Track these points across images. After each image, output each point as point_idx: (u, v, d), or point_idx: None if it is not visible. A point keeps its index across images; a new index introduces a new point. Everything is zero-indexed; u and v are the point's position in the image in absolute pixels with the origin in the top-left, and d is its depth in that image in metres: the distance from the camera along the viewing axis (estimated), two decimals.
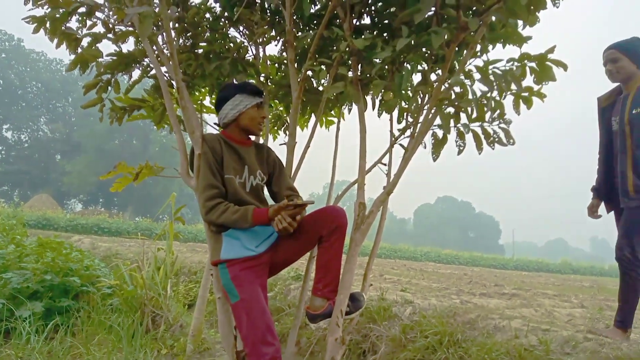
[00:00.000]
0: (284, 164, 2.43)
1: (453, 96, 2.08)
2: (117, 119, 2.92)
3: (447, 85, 2.01)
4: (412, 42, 1.81)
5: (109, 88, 2.95)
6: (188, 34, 3.04)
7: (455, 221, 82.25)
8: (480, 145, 2.05)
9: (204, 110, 3.67)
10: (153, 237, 4.73)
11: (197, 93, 3.50)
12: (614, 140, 2.84)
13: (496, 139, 2.04)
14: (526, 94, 2.19)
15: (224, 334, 2.09)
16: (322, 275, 2.03)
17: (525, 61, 2.11)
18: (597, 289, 8.72)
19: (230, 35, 3.12)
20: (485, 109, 1.96)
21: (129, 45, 2.93)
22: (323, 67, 2.46)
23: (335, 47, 2.52)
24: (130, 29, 2.77)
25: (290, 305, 4.48)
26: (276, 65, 3.21)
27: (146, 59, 2.97)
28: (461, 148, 2.11)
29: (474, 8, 1.84)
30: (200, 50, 3.03)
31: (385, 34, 2.41)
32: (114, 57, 2.85)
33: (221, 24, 3.03)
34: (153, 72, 3.01)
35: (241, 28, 3.11)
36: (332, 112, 3.36)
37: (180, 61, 2.93)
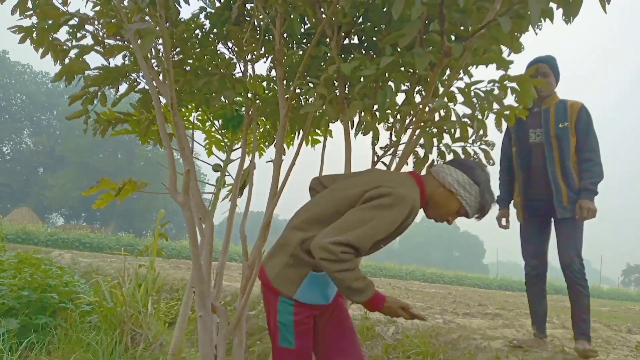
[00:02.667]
0: (271, 181, 2.45)
1: (437, 117, 2.12)
2: (101, 132, 2.91)
3: (430, 106, 2.06)
4: (396, 60, 1.85)
5: (95, 100, 2.94)
6: (177, 50, 3.06)
7: (440, 240, 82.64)
8: None
9: (190, 126, 3.68)
10: (135, 253, 4.67)
11: (182, 109, 3.52)
12: (532, 151, 2.95)
13: (476, 160, 2.08)
14: (507, 113, 2.26)
15: (204, 353, 2.06)
16: None
17: (506, 82, 2.18)
18: None
19: (219, 52, 3.15)
20: (469, 130, 2.01)
21: (116, 59, 2.94)
22: (311, 85, 2.49)
23: (323, 66, 2.57)
24: (120, 43, 2.78)
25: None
26: (264, 83, 3.25)
27: (134, 74, 2.98)
28: None
29: (458, 34, 1.90)
30: (188, 68, 3.05)
31: (372, 52, 2.47)
32: (101, 71, 2.85)
33: (210, 40, 3.06)
34: (141, 86, 3.01)
35: (230, 45, 3.15)
36: (318, 130, 3.40)
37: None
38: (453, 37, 2.08)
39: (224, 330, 2.12)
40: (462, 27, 1.94)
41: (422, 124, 2.10)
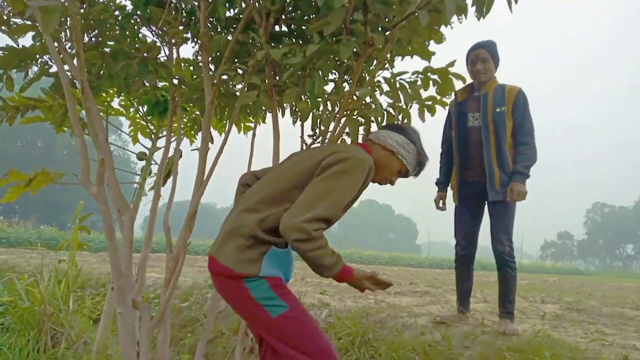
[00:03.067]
0: (196, 171, 2.38)
1: (363, 106, 2.15)
2: (8, 119, 2.66)
3: (356, 96, 2.08)
4: (323, 49, 1.85)
5: (1, 84, 2.68)
6: (94, 32, 2.85)
7: (377, 223, 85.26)
8: None
9: (112, 112, 3.47)
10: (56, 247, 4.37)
11: (104, 94, 3.31)
12: (469, 135, 3.02)
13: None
14: (430, 103, 2.35)
15: (125, 351, 1.98)
16: None
17: (429, 74, 2.26)
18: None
19: (142, 35, 2.98)
20: (394, 118, 2.06)
21: (26, 40, 2.68)
22: (240, 71, 2.44)
23: (252, 53, 2.51)
24: (29, 22, 2.54)
25: (206, 315, 4.35)
26: (191, 68, 3.12)
27: (46, 56, 2.75)
28: None
29: (382, 25, 1.92)
30: (107, 50, 2.86)
31: (300, 41, 2.45)
32: (6, 52, 2.60)
33: (132, 22, 2.88)
34: (53, 69, 2.78)
35: (154, 28, 2.99)
36: (252, 117, 3.34)
37: (85, 60, 2.75)
38: (380, 29, 2.11)
39: (147, 326, 2.05)
40: (386, 19, 1.98)
41: (348, 112, 2.12)
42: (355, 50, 1.84)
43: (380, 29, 2.06)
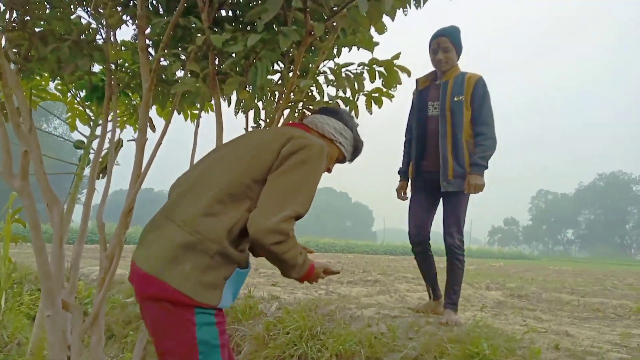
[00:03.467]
0: (133, 163, 2.25)
1: (306, 98, 2.09)
2: None
3: (299, 87, 2.02)
4: (265, 38, 1.78)
5: None
6: (20, 10, 2.62)
7: (334, 211, 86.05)
8: None
9: (48, 97, 3.24)
10: None
11: (38, 77, 3.07)
12: (428, 124, 2.96)
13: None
14: (376, 95, 2.32)
15: (55, 356, 1.85)
16: None
17: (374, 66, 2.23)
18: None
19: (76, 16, 2.77)
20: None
21: None
22: (183, 57, 2.31)
23: (194, 38, 2.39)
24: None
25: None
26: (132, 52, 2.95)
27: None
28: None
29: (322, 14, 1.86)
30: (38, 30, 2.64)
31: (247, 27, 2.35)
32: None
33: (66, 1, 2.67)
34: None
35: (89, 8, 2.79)
36: (198, 105, 3.20)
37: (10, 41, 2.53)
38: (326, 17, 2.05)
39: (79, 329, 1.92)
40: (331, 7, 1.92)
41: (292, 104, 2.06)
42: (297, 39, 1.77)
43: (322, 17, 2.00)
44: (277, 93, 2.28)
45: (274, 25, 2.03)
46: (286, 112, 2.10)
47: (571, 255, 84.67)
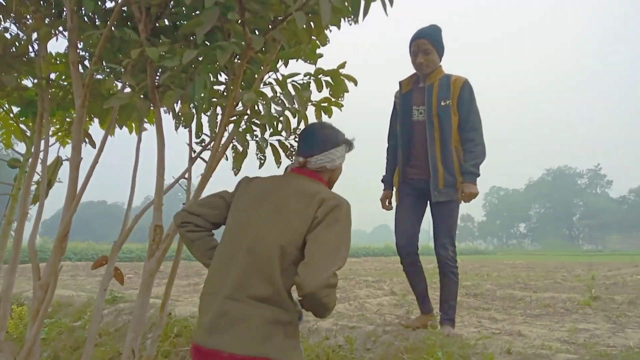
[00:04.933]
0: (68, 184, 2.11)
1: (249, 112, 2.03)
2: None
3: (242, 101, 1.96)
4: (201, 53, 1.71)
5: None
6: None
7: None
8: (279, 159, 2.06)
9: None
10: None
11: None
12: (414, 129, 2.80)
13: (294, 152, 2.07)
14: (325, 105, 2.30)
15: None
16: None
17: (321, 75, 2.20)
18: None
19: (4, 28, 2.59)
20: (280, 124, 1.96)
21: None
22: (122, 70, 2.19)
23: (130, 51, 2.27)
24: None
25: (102, 334, 4.00)
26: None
27: None
28: (262, 161, 2.09)
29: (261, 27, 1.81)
30: None
31: (188, 38, 2.26)
32: None
33: None
34: None
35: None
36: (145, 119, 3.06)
37: None
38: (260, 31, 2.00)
39: None
40: (270, 19, 1.87)
41: (237, 118, 2.00)
42: (236, 52, 1.71)
43: (262, 30, 1.95)
44: (221, 107, 2.21)
45: (213, 38, 1.96)
46: (230, 126, 2.03)
47: (524, 248, 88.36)
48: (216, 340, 1.38)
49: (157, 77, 2.23)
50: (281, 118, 1.96)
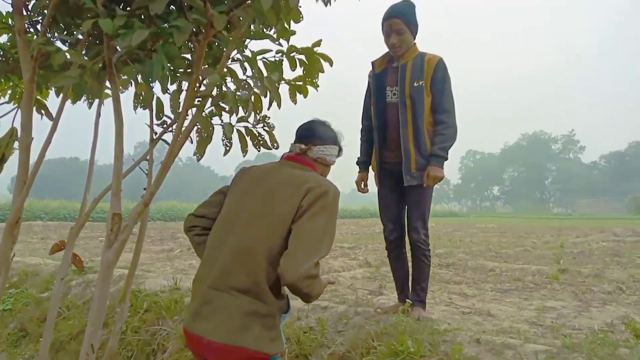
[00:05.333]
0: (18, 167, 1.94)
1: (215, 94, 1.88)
2: None
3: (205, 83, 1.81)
4: (155, 32, 1.54)
5: None
6: None
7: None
8: (245, 147, 1.94)
9: None
10: None
11: None
12: (388, 111, 2.75)
13: (261, 142, 1.95)
14: (300, 83, 2.17)
15: None
16: None
17: (294, 53, 2.06)
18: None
19: None
20: (245, 110, 1.83)
21: None
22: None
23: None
24: None
25: (70, 307, 3.92)
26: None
27: None
28: (227, 148, 1.96)
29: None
30: None
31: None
32: None
33: None
34: None
35: None
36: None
37: None
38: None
39: None
40: None
41: (200, 100, 1.85)
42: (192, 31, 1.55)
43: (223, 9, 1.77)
44: (184, 85, 2.05)
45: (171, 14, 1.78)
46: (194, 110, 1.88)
47: (497, 210, 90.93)
48: (199, 326, 1.45)
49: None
50: (249, 103, 1.82)
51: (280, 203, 1.50)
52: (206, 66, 2.14)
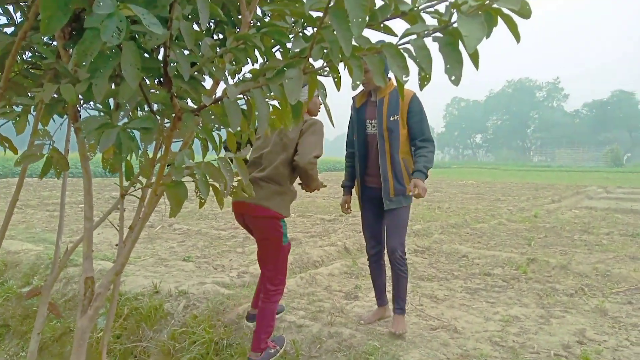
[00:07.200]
0: None
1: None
2: None
3: None
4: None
5: None
6: None
7: None
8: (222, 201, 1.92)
9: None
10: None
11: None
12: (368, 142, 3.10)
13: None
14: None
15: None
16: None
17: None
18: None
19: None
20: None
21: None
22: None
23: None
24: None
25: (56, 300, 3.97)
26: None
27: None
28: (202, 200, 1.94)
29: None
30: None
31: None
32: None
33: None
34: None
35: None
36: None
37: None
38: None
39: None
40: None
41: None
42: None
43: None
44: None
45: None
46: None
47: (478, 159, 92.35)
48: (248, 198, 2.15)
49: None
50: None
51: (290, 133, 2.60)
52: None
